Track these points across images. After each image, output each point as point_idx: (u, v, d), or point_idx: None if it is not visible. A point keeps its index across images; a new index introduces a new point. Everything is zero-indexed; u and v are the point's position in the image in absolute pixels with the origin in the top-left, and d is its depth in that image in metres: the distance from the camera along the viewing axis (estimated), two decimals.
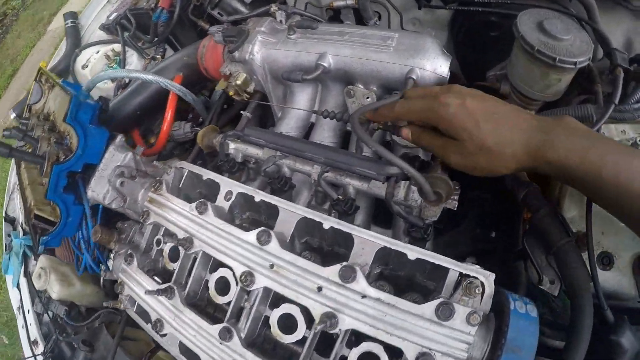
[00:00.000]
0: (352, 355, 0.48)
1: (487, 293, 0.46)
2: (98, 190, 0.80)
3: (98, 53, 1.18)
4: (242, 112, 0.83)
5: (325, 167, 0.61)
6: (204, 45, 0.86)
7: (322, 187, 0.60)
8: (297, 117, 0.77)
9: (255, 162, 0.72)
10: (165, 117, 0.90)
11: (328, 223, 0.55)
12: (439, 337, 0.44)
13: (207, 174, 0.68)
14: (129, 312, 0.71)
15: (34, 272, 1.00)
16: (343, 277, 0.49)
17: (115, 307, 0.77)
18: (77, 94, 0.77)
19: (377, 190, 0.58)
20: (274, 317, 0.53)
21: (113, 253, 0.78)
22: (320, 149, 0.63)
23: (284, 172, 0.67)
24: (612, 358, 0.51)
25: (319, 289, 0.50)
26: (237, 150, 0.72)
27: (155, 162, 0.79)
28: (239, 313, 0.57)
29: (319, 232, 0.58)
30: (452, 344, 0.43)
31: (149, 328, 0.65)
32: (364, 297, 0.48)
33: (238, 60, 0.77)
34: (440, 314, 0.44)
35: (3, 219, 1.24)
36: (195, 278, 0.63)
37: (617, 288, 0.56)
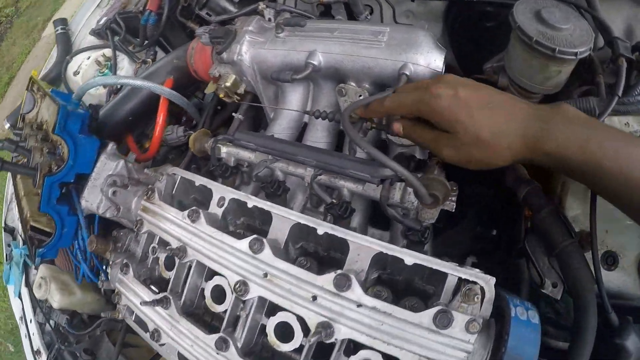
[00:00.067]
0: None
1: (487, 298, 0.44)
2: (92, 200, 0.79)
3: (89, 59, 1.16)
4: (234, 114, 0.81)
5: (318, 170, 0.59)
6: (193, 47, 0.84)
7: (315, 191, 0.58)
8: (289, 117, 0.75)
9: (248, 165, 0.70)
10: (157, 121, 0.89)
11: (322, 229, 0.53)
12: (438, 345, 0.43)
13: (199, 180, 0.67)
14: (128, 321, 0.70)
15: (35, 281, 0.99)
16: (338, 285, 0.48)
17: (114, 317, 0.77)
18: (65, 104, 0.76)
19: (372, 193, 0.57)
20: (271, 325, 0.53)
21: (110, 263, 0.77)
22: (312, 152, 0.61)
23: (277, 175, 0.66)
24: None
25: (314, 298, 0.49)
26: (229, 154, 0.70)
27: (147, 169, 0.78)
28: (235, 322, 0.57)
29: (314, 237, 0.56)
30: (451, 353, 0.42)
31: (148, 337, 0.64)
32: (360, 306, 0.46)
33: (227, 62, 0.75)
34: (439, 323, 0.43)
35: (2, 229, 1.24)
36: (191, 287, 0.62)
37: (621, 288, 0.54)
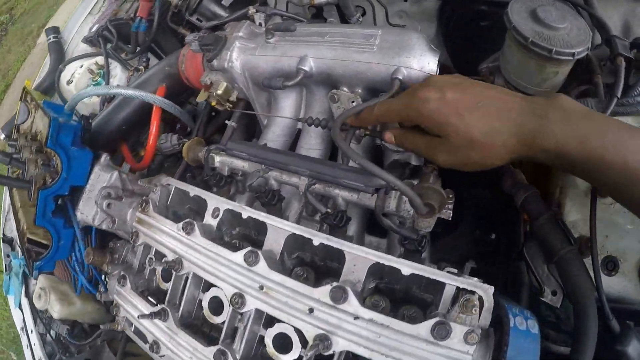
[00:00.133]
0: None
1: (485, 307, 0.44)
2: (87, 212, 0.79)
3: (82, 67, 1.15)
4: (227, 122, 0.81)
5: (312, 179, 0.58)
6: (184, 54, 0.83)
7: (309, 200, 0.57)
8: (282, 124, 0.74)
9: (243, 174, 0.69)
10: (151, 130, 0.88)
11: (317, 239, 0.53)
12: (436, 357, 0.42)
13: (193, 191, 0.66)
14: (127, 332, 0.70)
15: (34, 292, 0.99)
16: (334, 298, 0.47)
17: (113, 329, 0.77)
18: (57, 116, 0.75)
19: (367, 202, 0.56)
20: (269, 336, 0.52)
21: (107, 274, 0.76)
22: (305, 162, 0.60)
23: (272, 184, 0.65)
24: None
25: (311, 311, 0.48)
26: (222, 164, 0.69)
27: (140, 181, 0.77)
28: (234, 333, 0.56)
29: (310, 247, 0.56)
30: None
31: (147, 349, 0.64)
32: (357, 318, 0.46)
33: (217, 69, 0.74)
34: (437, 334, 0.42)
35: (1, 240, 1.23)
36: (189, 298, 0.62)
37: (622, 293, 0.53)
